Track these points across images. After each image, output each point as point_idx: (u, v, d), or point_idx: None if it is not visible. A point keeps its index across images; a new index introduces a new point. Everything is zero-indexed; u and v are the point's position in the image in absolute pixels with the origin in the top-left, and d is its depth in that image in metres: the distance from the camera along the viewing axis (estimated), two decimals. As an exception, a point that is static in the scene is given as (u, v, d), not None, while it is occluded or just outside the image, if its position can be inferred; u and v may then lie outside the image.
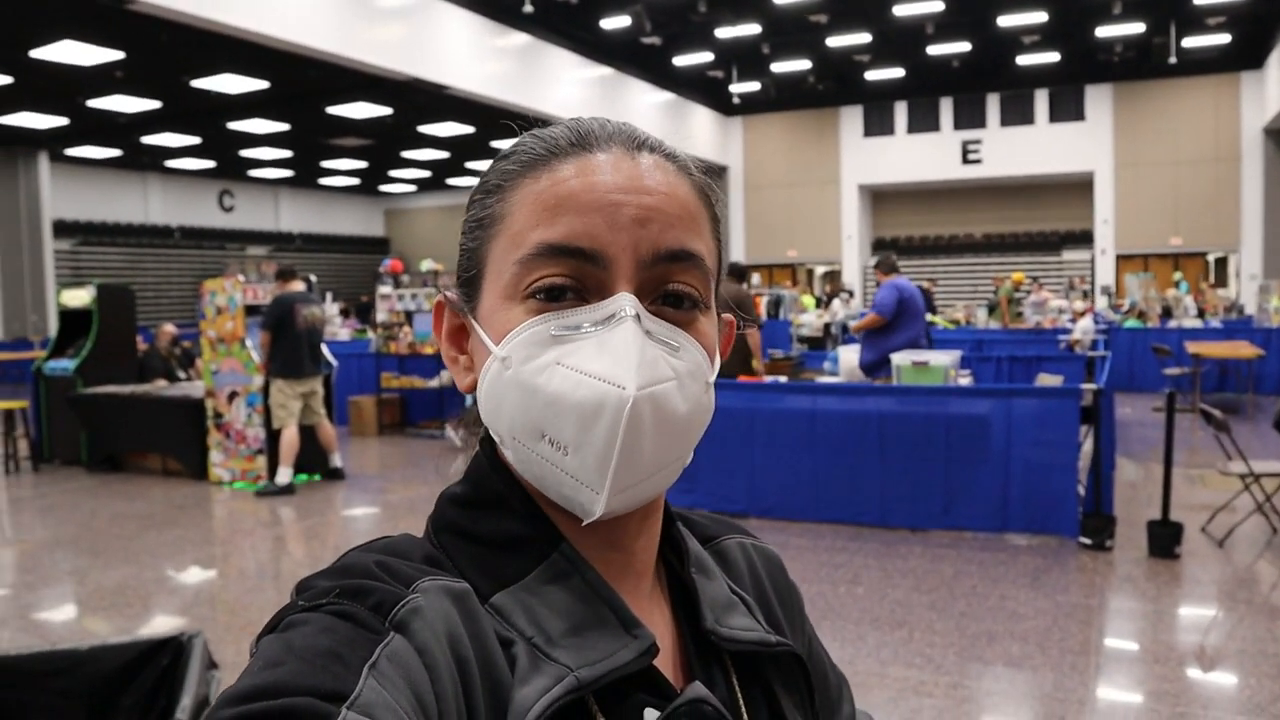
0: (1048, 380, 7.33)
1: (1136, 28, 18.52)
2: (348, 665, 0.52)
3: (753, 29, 18.21)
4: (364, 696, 0.50)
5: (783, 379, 7.87)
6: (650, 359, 0.62)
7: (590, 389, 0.60)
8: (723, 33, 18.32)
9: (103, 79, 15.14)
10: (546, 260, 0.64)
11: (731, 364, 8.01)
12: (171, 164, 24.87)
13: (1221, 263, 23.21)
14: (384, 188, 31.55)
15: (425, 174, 27.94)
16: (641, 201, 0.65)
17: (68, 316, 9.95)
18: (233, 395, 8.32)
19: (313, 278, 8.96)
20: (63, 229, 22.99)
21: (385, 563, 0.62)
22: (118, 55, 13.77)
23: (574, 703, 0.61)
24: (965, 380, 7.26)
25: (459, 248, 0.73)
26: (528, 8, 15.60)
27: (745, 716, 0.72)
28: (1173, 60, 19.43)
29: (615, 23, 17.53)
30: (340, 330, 14.88)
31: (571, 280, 0.64)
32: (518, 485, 0.69)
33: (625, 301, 0.63)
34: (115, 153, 22.72)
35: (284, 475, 7.93)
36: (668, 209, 0.66)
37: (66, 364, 9.56)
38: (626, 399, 0.59)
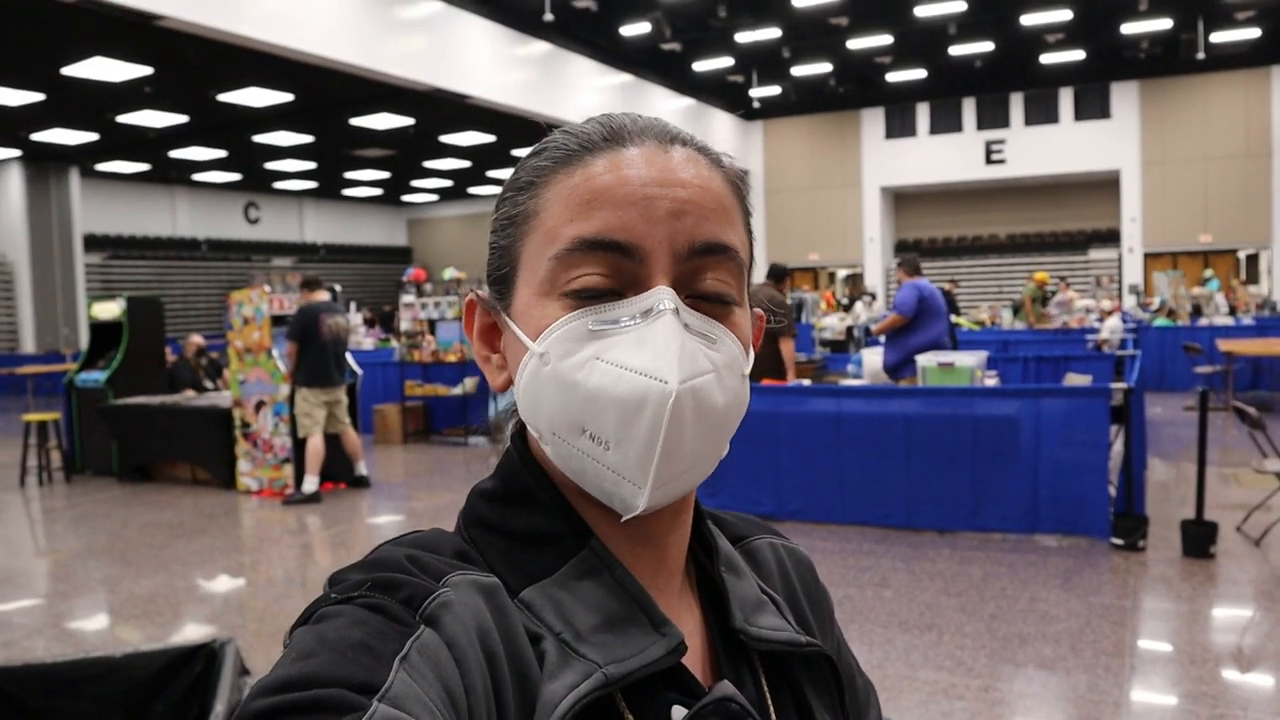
0: (1076, 380, 7.27)
1: (1163, 24, 18.35)
2: (379, 657, 0.52)
3: (773, 33, 18.18)
4: (395, 689, 0.50)
5: (806, 382, 7.84)
6: (690, 352, 0.62)
7: (632, 383, 0.60)
8: (742, 37, 18.31)
9: (132, 94, 15.35)
10: (582, 255, 0.64)
11: (769, 374, 7.96)
12: (198, 177, 25.16)
13: (1253, 259, 22.94)
14: (406, 197, 31.76)
15: (447, 183, 28.09)
16: (676, 195, 0.65)
17: (98, 329, 10.06)
18: (259, 405, 8.38)
19: (337, 287, 8.99)
20: (93, 243, 23.31)
21: (416, 557, 0.62)
22: (147, 71, 13.95)
23: (602, 699, 0.61)
24: (992, 381, 7.21)
25: (489, 246, 0.73)
26: (548, 16, 15.66)
27: (774, 717, 0.71)
28: (1201, 56, 19.25)
29: (635, 29, 17.56)
30: (364, 339, 14.97)
31: (608, 279, 0.64)
32: (548, 480, 0.69)
33: (664, 294, 0.63)
34: (144, 167, 23.02)
35: (310, 484, 7.97)
36: (702, 202, 0.66)
37: (98, 375, 9.67)
38: (669, 393, 0.59)
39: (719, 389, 0.63)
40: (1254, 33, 19.28)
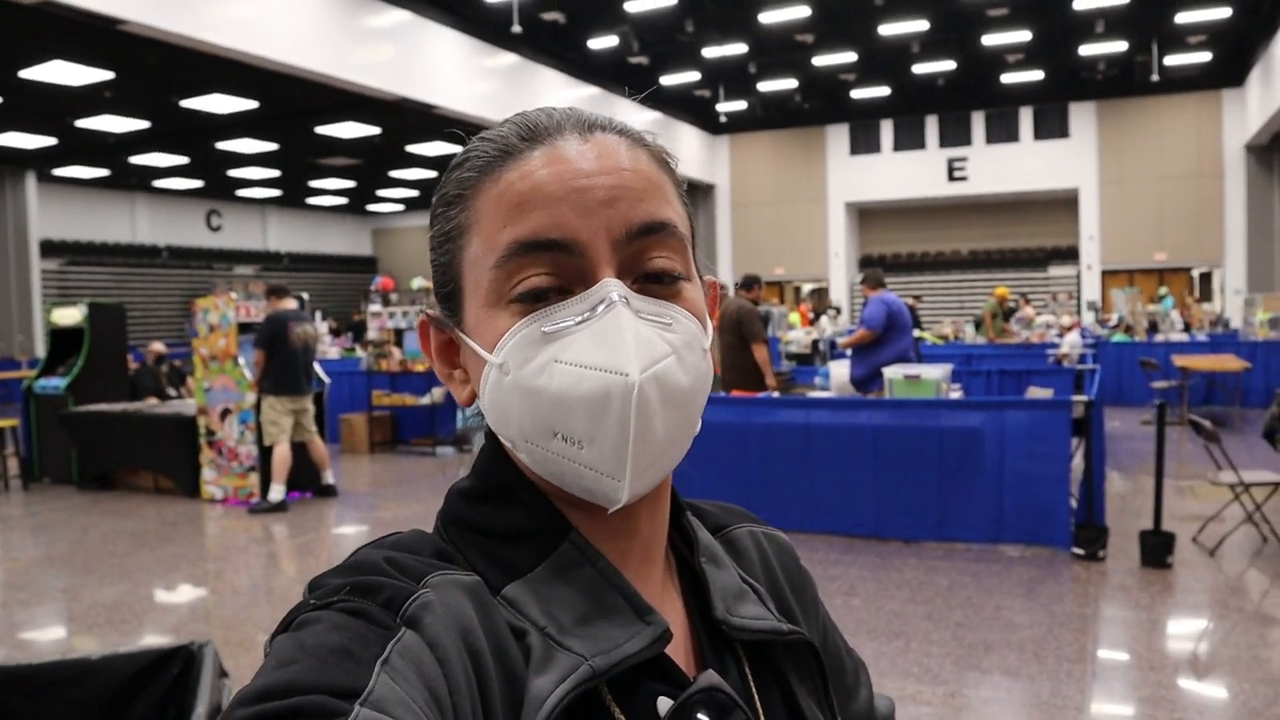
0: (1038, 393, 7.40)
1: (1119, 46, 18.77)
2: (359, 662, 0.52)
3: (739, 48, 18.35)
4: (377, 692, 0.50)
5: (775, 394, 7.91)
6: (645, 339, 0.62)
7: (594, 381, 0.60)
8: (710, 52, 18.45)
9: (92, 99, 15.17)
10: (522, 258, 0.64)
11: (745, 383, 8.03)
12: (159, 184, 24.86)
13: (1206, 277, 23.43)
14: (372, 207, 31.58)
15: (413, 193, 27.98)
16: (604, 182, 0.65)
17: (58, 335, 9.93)
18: (225, 413, 8.31)
19: (305, 295, 8.94)
20: (50, 249, 22.92)
21: (395, 559, 0.62)
22: (107, 75, 13.80)
23: (588, 692, 0.61)
24: (956, 394, 7.32)
25: (431, 264, 0.73)
26: (516, 28, 15.69)
27: (758, 704, 0.71)
28: (1155, 78, 19.67)
29: (603, 43, 17.65)
30: (330, 349, 14.87)
31: (552, 278, 0.64)
32: (524, 477, 0.69)
33: (611, 287, 0.63)
34: (103, 172, 22.71)
35: (276, 492, 7.91)
36: (632, 184, 0.66)
37: (58, 382, 9.54)
38: (632, 385, 0.59)
39: (681, 369, 0.64)
40: (1205, 56, 19.77)
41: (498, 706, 0.58)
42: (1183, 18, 17.05)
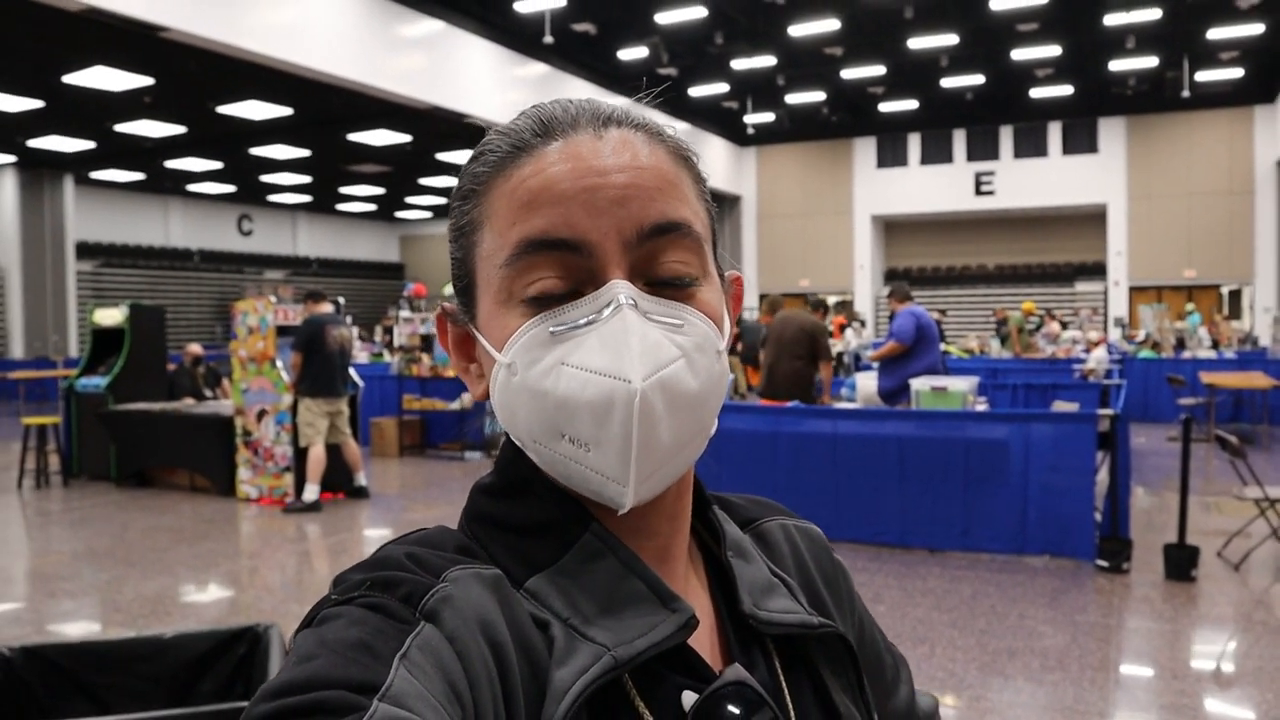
0: (1064, 407, 7.45)
1: (1150, 62, 18.75)
2: (378, 656, 0.52)
3: (768, 61, 18.48)
4: (395, 686, 0.50)
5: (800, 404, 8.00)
6: (652, 344, 0.61)
7: (598, 386, 0.60)
8: (738, 64, 18.59)
9: (131, 104, 15.48)
10: (531, 257, 0.63)
11: (794, 394, 8.14)
12: (193, 188, 25.26)
13: (1235, 295, 23.30)
14: (400, 214, 31.91)
15: (442, 201, 28.23)
16: (616, 180, 0.64)
17: (100, 335, 10.15)
18: (262, 413, 8.48)
19: (341, 300, 9.12)
20: (85, 250, 23.34)
21: (416, 554, 0.62)
22: (147, 81, 14.08)
23: (611, 683, 0.61)
24: (982, 406, 7.38)
25: (450, 256, 0.73)
26: (548, 38, 15.88)
27: (789, 699, 0.71)
28: (1186, 94, 19.65)
29: (633, 54, 17.81)
30: (360, 353, 15.06)
31: (561, 281, 0.63)
32: (541, 472, 0.68)
33: (619, 289, 0.62)
34: (139, 176, 23.11)
35: (311, 492, 8.07)
36: (645, 182, 0.65)
37: (98, 381, 9.75)
38: (634, 392, 0.59)
39: (690, 373, 0.63)
40: (1237, 72, 19.72)
41: (520, 698, 0.58)
42: (1215, 34, 17.05)
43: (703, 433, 0.66)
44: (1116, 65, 19.08)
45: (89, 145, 18.87)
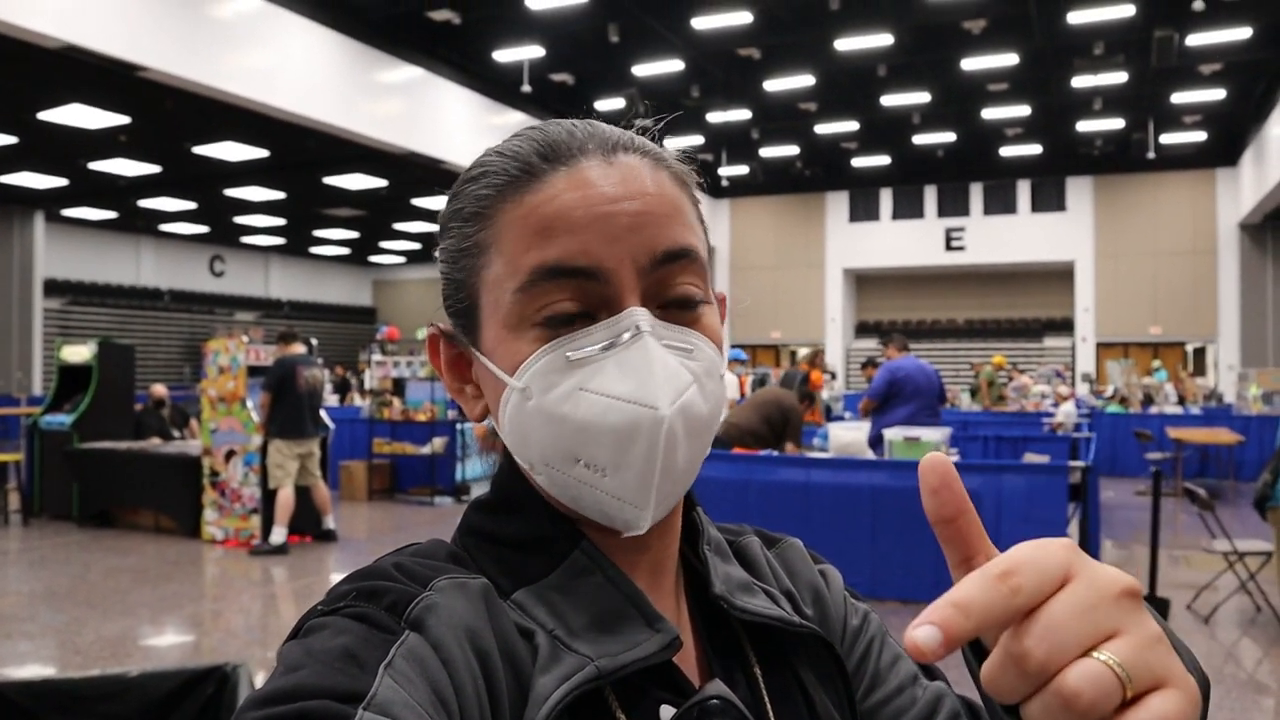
0: (1035, 459, 7.50)
1: (1116, 123, 19.20)
2: (363, 665, 0.53)
3: (743, 114, 18.73)
4: (380, 695, 0.51)
5: (774, 453, 7.99)
6: (672, 370, 0.62)
7: (621, 413, 0.61)
8: (714, 117, 18.81)
9: (106, 142, 15.45)
10: (547, 284, 0.63)
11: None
12: (165, 228, 25.16)
13: (1200, 353, 23.65)
14: (374, 258, 31.90)
15: (415, 246, 28.28)
16: (629, 208, 0.64)
17: (66, 372, 10.01)
18: (230, 454, 8.38)
19: (314, 341, 9.06)
20: (53, 288, 23.13)
21: (403, 564, 0.63)
22: (123, 120, 14.08)
23: (592, 694, 0.61)
24: (954, 457, 7.41)
25: (442, 276, 0.72)
26: (525, 87, 16.03)
27: (770, 712, 0.70)
28: (1151, 155, 20.10)
29: (609, 104, 17.98)
30: (330, 397, 14.96)
31: (577, 304, 0.63)
32: (535, 491, 0.69)
33: (638, 316, 0.63)
34: (111, 214, 23.00)
35: (278, 535, 7.95)
36: (656, 209, 0.65)
37: (63, 419, 9.60)
38: (661, 419, 0.60)
39: (702, 397, 0.64)
40: (1200, 136, 20.24)
41: (505, 706, 0.58)
42: (1179, 98, 17.50)
43: (705, 454, 0.67)
44: (1084, 126, 19.51)
45: (61, 182, 18.78)
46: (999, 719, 0.47)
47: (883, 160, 22.81)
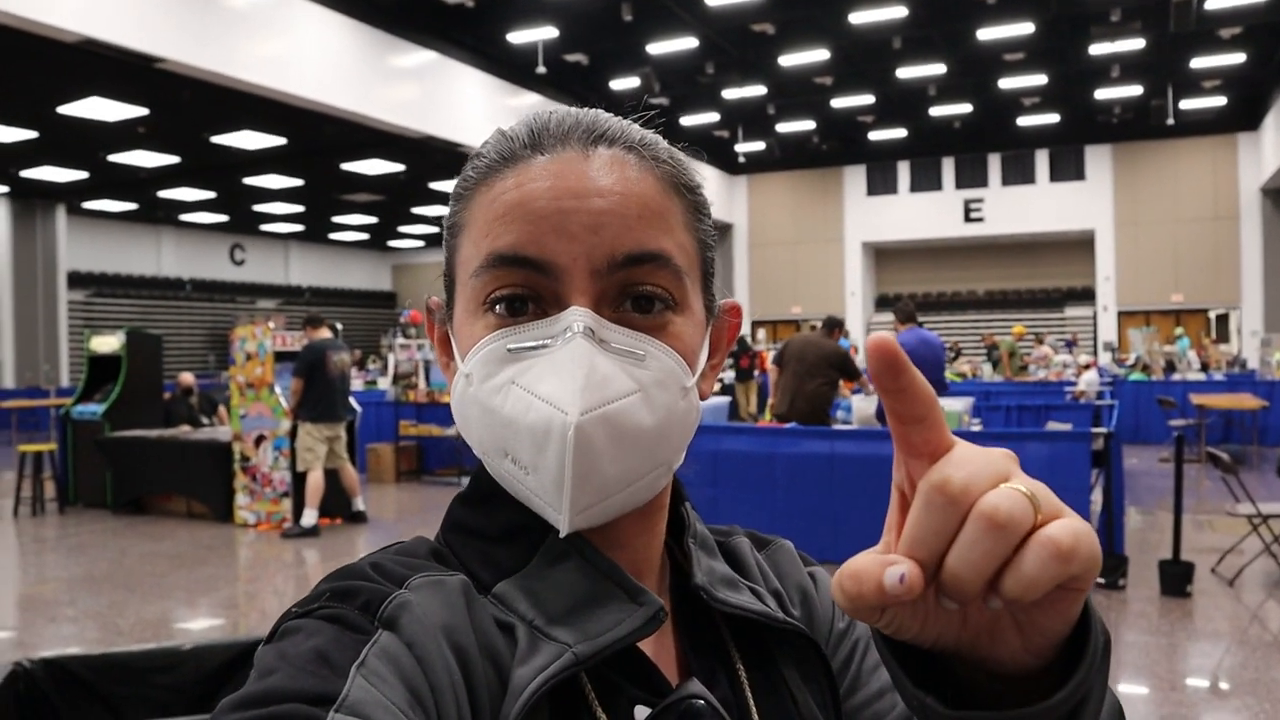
0: (1057, 427, 7.52)
1: (1134, 90, 19.01)
2: (335, 667, 0.52)
3: (759, 90, 18.66)
4: (352, 696, 0.50)
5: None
6: (601, 377, 0.60)
7: (538, 413, 0.60)
8: (729, 94, 18.76)
9: (125, 134, 15.55)
10: (498, 271, 0.63)
11: (814, 418, 8.02)
12: (185, 217, 25.33)
13: (1223, 319, 23.49)
14: (392, 243, 32.01)
15: (434, 230, 28.26)
16: (592, 206, 0.62)
17: (95, 362, 10.16)
18: (260, 439, 8.50)
19: (339, 325, 9.15)
20: (77, 280, 23.36)
21: (380, 563, 0.62)
22: (142, 112, 14.16)
23: (570, 685, 0.61)
24: (976, 427, 7.45)
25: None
26: (540, 69, 16.03)
27: (754, 714, 0.69)
28: (1170, 122, 19.88)
29: (625, 84, 17.97)
30: (355, 380, 15.09)
31: (527, 291, 0.63)
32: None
33: (575, 316, 0.61)
34: (131, 206, 23.17)
35: (309, 517, 8.08)
36: (624, 210, 0.63)
37: (95, 408, 9.75)
38: (569, 425, 0.58)
39: (646, 408, 0.61)
40: (1220, 101, 20.00)
41: (486, 702, 0.58)
42: (1198, 63, 17.30)
43: (660, 469, 0.65)
44: (1102, 94, 19.34)
45: (82, 175, 18.93)
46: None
47: (900, 133, 22.68)
